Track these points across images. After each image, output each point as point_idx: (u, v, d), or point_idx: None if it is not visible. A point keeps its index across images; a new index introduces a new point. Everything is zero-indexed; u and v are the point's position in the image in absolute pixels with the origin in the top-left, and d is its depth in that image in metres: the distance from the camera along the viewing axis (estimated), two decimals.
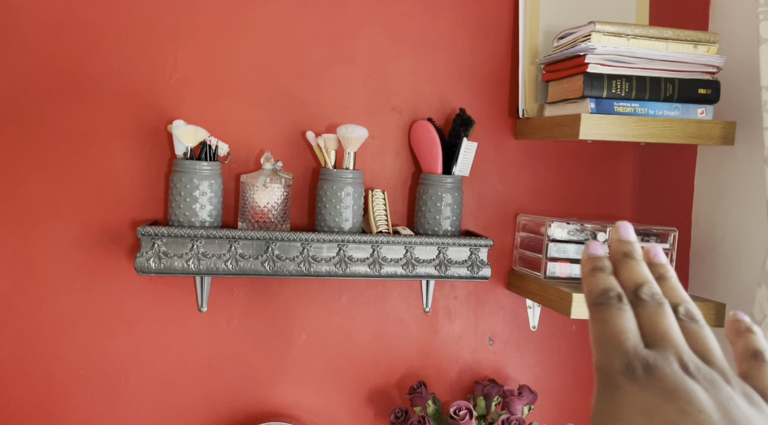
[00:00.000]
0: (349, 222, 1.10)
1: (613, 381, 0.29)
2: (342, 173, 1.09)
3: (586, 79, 1.02)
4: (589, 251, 0.34)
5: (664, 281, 0.34)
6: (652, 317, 0.31)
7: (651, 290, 0.32)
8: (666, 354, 0.29)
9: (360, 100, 1.18)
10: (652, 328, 0.30)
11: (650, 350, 0.29)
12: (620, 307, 0.31)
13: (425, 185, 1.14)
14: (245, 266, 1.05)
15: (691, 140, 1.03)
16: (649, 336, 0.30)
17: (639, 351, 0.29)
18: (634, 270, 0.33)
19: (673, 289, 0.33)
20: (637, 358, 0.29)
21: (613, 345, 0.30)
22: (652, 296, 0.31)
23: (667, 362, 0.29)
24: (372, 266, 1.09)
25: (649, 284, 0.32)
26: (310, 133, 1.13)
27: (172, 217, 1.05)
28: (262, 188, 1.08)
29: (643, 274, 0.33)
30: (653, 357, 0.29)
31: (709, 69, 1.04)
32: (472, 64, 1.22)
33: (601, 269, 0.33)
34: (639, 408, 0.27)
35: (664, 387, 0.27)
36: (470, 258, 1.13)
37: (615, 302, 0.31)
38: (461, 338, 1.25)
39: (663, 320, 0.30)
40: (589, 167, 1.27)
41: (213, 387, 1.16)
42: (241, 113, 1.14)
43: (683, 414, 0.26)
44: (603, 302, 0.31)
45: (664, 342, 0.30)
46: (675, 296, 0.33)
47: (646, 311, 0.31)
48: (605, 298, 0.31)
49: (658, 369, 0.28)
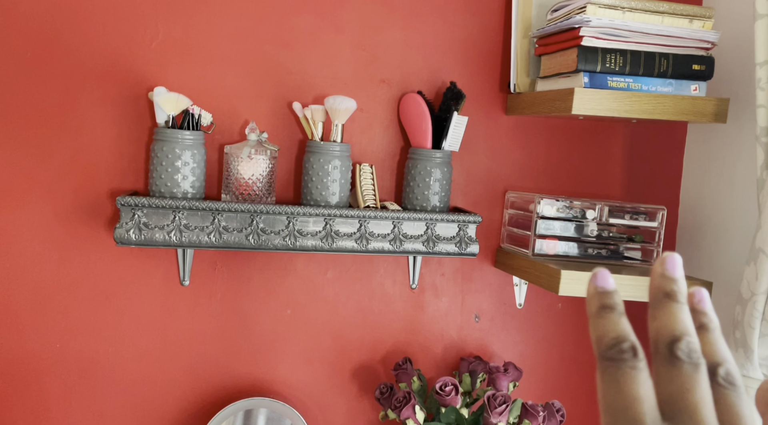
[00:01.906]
0: (336, 196, 1.07)
1: None
2: (329, 145, 1.06)
3: (580, 53, 1.00)
4: (597, 283, 0.28)
5: (705, 332, 0.29)
6: (685, 383, 0.26)
7: (690, 347, 0.26)
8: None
9: (348, 71, 1.15)
10: (680, 398, 0.26)
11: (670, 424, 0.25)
12: (635, 366, 0.26)
13: (414, 160, 1.12)
14: (229, 239, 1.02)
15: (683, 117, 1.02)
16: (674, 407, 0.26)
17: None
18: (674, 317, 0.27)
19: (714, 344, 0.28)
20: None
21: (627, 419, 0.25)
22: (689, 354, 0.26)
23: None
24: (359, 241, 1.07)
25: (689, 338, 0.27)
26: (296, 104, 1.10)
27: (153, 188, 1.02)
28: (246, 160, 1.05)
29: (684, 324, 0.27)
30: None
31: (704, 44, 1.03)
32: (463, 37, 1.19)
33: (611, 309, 0.28)
34: None
35: None
36: (458, 235, 1.12)
37: (629, 358, 0.26)
38: (447, 315, 1.24)
39: (696, 390, 0.26)
40: (579, 144, 1.26)
41: (195, 363, 1.14)
42: (225, 82, 1.10)
43: None
44: (615, 357, 0.26)
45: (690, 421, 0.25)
46: (716, 354, 0.28)
47: (680, 373, 0.26)
48: (617, 353, 0.26)
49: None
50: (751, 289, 0.91)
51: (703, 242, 1.20)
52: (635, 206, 1.15)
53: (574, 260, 1.13)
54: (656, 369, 0.27)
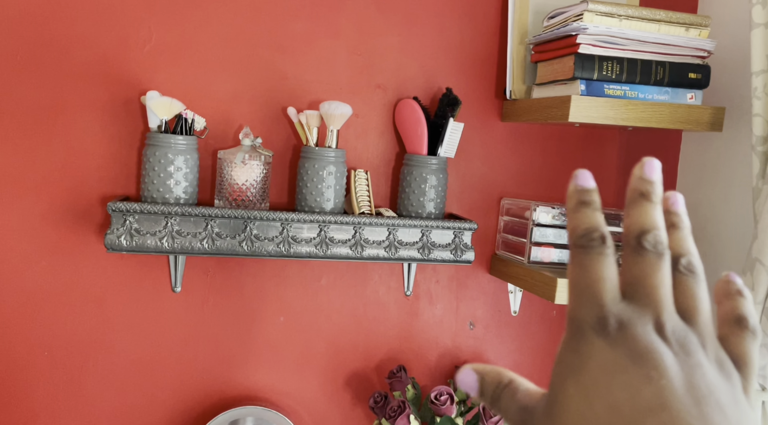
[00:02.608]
0: (330, 202, 1.06)
1: (583, 333, 0.27)
2: (324, 151, 1.05)
3: (576, 60, 1.00)
4: (576, 181, 0.30)
5: (675, 230, 0.31)
6: (646, 268, 0.28)
7: (656, 239, 0.28)
8: (644, 312, 0.27)
9: (344, 76, 1.14)
10: (641, 281, 0.28)
11: (629, 304, 0.28)
12: (602, 251, 0.28)
13: (409, 166, 1.11)
14: (222, 245, 1.01)
15: (680, 125, 1.02)
16: (634, 289, 0.28)
17: (615, 305, 0.27)
18: (645, 213, 0.29)
19: (682, 240, 0.31)
20: (611, 313, 0.27)
21: (588, 294, 0.28)
22: (655, 245, 0.28)
23: (642, 321, 0.27)
24: (354, 248, 1.06)
25: (656, 231, 0.29)
26: (291, 109, 1.09)
27: (145, 193, 1.00)
28: (240, 165, 1.03)
29: (653, 219, 0.29)
30: (628, 315, 0.27)
31: (700, 53, 1.03)
32: (459, 43, 1.18)
33: (587, 204, 0.30)
34: (604, 366, 0.26)
35: (633, 348, 0.26)
36: (454, 241, 1.11)
37: (597, 245, 0.28)
38: (442, 322, 1.23)
39: (656, 274, 0.28)
40: (574, 151, 1.26)
41: (185, 370, 1.12)
42: (219, 86, 1.09)
43: (646, 378, 0.25)
44: (584, 244, 0.28)
45: (647, 298, 0.28)
46: (681, 247, 0.30)
47: (643, 260, 0.28)
48: (587, 240, 0.28)
49: (631, 327, 0.27)
50: None
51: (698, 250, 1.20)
52: None
53: (564, 268, 1.12)
54: (624, 258, 0.29)
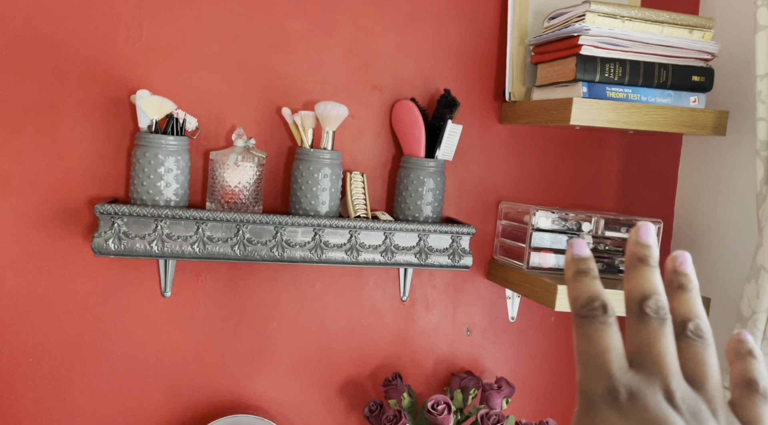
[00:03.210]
0: (325, 206, 1.03)
1: (595, 405, 0.27)
2: (319, 153, 1.03)
3: (579, 62, 0.98)
4: (573, 251, 0.31)
5: (683, 292, 0.31)
6: (650, 335, 0.29)
7: (657, 304, 0.29)
8: (653, 380, 0.28)
9: (340, 76, 1.12)
10: (646, 348, 0.28)
11: (636, 373, 0.28)
12: (605, 321, 0.29)
13: (406, 169, 1.09)
14: (213, 249, 0.98)
15: (683, 129, 1.00)
16: (641, 356, 0.28)
17: (623, 375, 0.28)
18: (644, 278, 0.30)
19: (690, 302, 0.31)
20: (620, 383, 0.27)
21: (596, 365, 0.28)
22: (656, 311, 0.29)
23: (652, 390, 0.27)
24: (349, 252, 1.04)
25: (657, 296, 0.29)
26: (285, 109, 1.06)
27: (135, 195, 0.97)
28: (233, 167, 1.01)
29: (653, 284, 0.30)
30: (637, 384, 0.27)
31: (704, 56, 1.01)
32: (458, 44, 1.16)
33: (584, 273, 0.30)
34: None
35: (646, 419, 0.26)
36: (451, 246, 1.09)
37: (600, 314, 0.29)
38: (438, 328, 1.21)
39: (660, 341, 0.28)
40: (573, 154, 1.23)
41: (175, 378, 1.09)
42: (211, 85, 1.06)
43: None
44: (587, 314, 0.29)
45: (654, 367, 0.28)
46: (688, 310, 0.30)
47: (647, 327, 0.29)
48: (589, 310, 0.29)
49: (642, 398, 0.27)
50: (752, 307, 0.89)
51: (699, 257, 1.18)
52: (630, 218, 1.12)
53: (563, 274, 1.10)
54: (627, 325, 0.30)
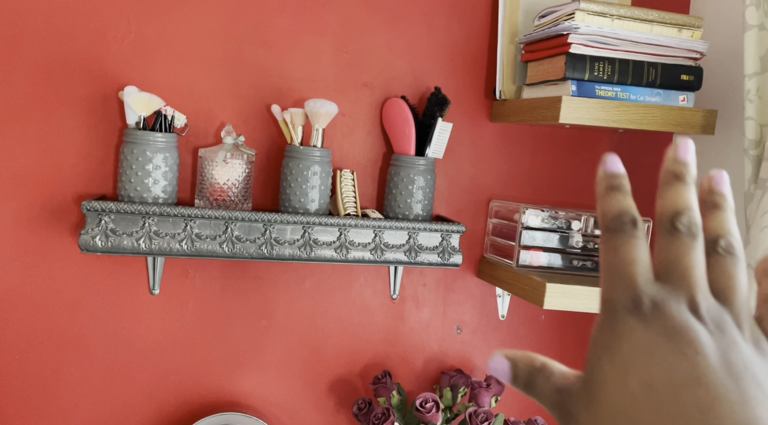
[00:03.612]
0: (315, 203, 1.03)
1: (618, 314, 0.27)
2: (309, 150, 1.02)
3: (568, 60, 0.98)
4: (606, 167, 0.30)
5: (717, 210, 0.30)
6: (680, 249, 0.28)
7: (690, 220, 0.28)
8: (678, 292, 0.27)
9: (330, 74, 1.11)
10: (674, 262, 0.28)
11: (663, 285, 0.27)
12: (633, 234, 0.28)
13: (397, 167, 1.09)
14: (201, 247, 0.97)
15: (671, 128, 1.00)
16: (669, 270, 0.28)
17: (648, 286, 0.27)
18: (679, 195, 0.29)
19: (725, 221, 0.30)
20: (645, 294, 0.27)
21: (621, 277, 0.27)
22: (689, 227, 0.28)
23: (677, 301, 0.27)
24: (338, 250, 1.03)
25: (690, 213, 0.28)
26: (275, 106, 1.06)
27: (122, 192, 0.97)
28: (221, 164, 1.00)
29: (687, 200, 0.29)
30: (662, 295, 0.27)
31: (693, 55, 1.01)
32: (448, 42, 1.16)
33: (617, 189, 0.30)
34: (638, 344, 0.26)
35: (668, 326, 0.26)
36: (441, 244, 1.09)
37: (629, 228, 0.28)
38: (429, 326, 1.21)
39: (689, 255, 0.28)
40: (564, 153, 1.24)
41: (164, 376, 1.09)
42: (201, 82, 1.05)
43: (681, 354, 0.25)
44: (616, 228, 0.28)
45: (681, 280, 0.27)
46: (723, 228, 0.29)
47: (677, 242, 0.28)
48: (619, 224, 0.28)
49: (665, 307, 0.26)
50: None
51: None
52: None
53: (558, 272, 1.10)
54: (657, 240, 0.29)
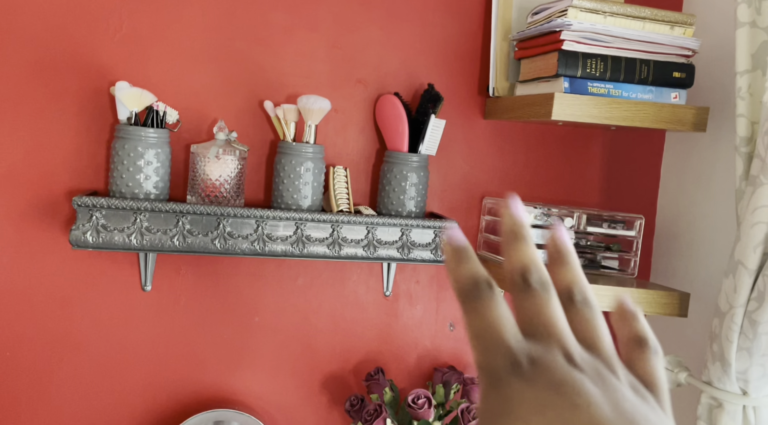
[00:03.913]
0: (308, 200, 1.03)
1: (499, 379, 0.27)
2: (302, 146, 1.02)
3: (560, 57, 0.98)
4: (450, 239, 0.31)
5: (564, 264, 0.32)
6: (538, 304, 0.29)
7: (540, 276, 0.30)
8: (549, 345, 0.28)
9: (323, 70, 1.11)
10: (535, 317, 0.29)
11: (533, 341, 0.28)
12: (491, 296, 0.29)
13: (390, 163, 1.09)
14: (193, 243, 0.97)
15: (663, 125, 1.00)
16: (532, 326, 0.29)
17: (520, 344, 0.28)
18: (523, 253, 0.30)
19: (571, 272, 0.32)
20: (520, 352, 0.27)
21: (492, 339, 0.28)
22: (540, 282, 0.29)
23: (552, 354, 0.27)
24: (331, 246, 1.03)
25: (537, 267, 0.30)
26: (268, 102, 1.05)
27: (114, 188, 0.96)
28: (214, 160, 1.00)
29: (531, 257, 0.30)
30: (536, 350, 0.27)
31: (685, 52, 1.02)
32: (442, 38, 1.16)
33: (465, 259, 0.30)
34: (530, 404, 0.26)
35: (552, 380, 0.26)
36: (434, 241, 1.09)
37: (486, 291, 0.29)
38: (422, 323, 1.21)
39: (548, 308, 0.29)
40: (557, 150, 1.24)
41: (156, 372, 1.09)
42: (193, 78, 1.05)
43: (574, 407, 0.25)
44: (473, 292, 0.29)
45: (547, 332, 0.28)
46: (573, 280, 0.31)
47: (533, 297, 0.29)
48: (474, 288, 0.29)
49: (543, 361, 0.27)
50: (729, 302, 0.90)
51: (681, 252, 1.19)
52: (613, 214, 1.13)
53: None
54: (513, 299, 0.30)
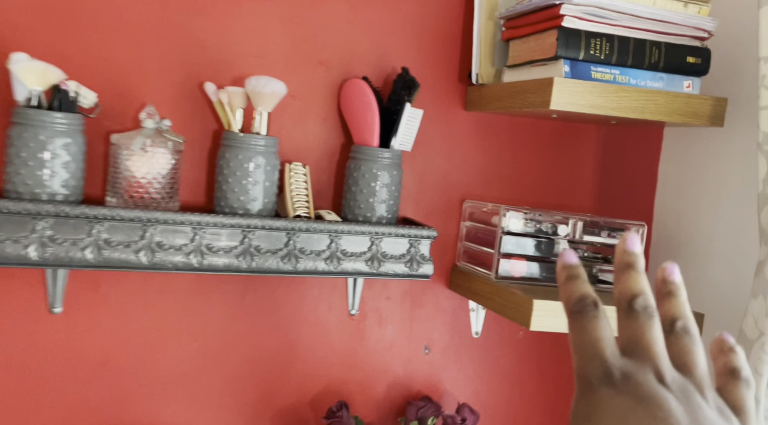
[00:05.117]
0: (258, 203, 0.85)
1: (591, 386, 0.30)
2: (251, 138, 0.84)
3: (560, 36, 0.83)
4: (563, 260, 0.35)
5: (672, 297, 0.34)
6: (640, 327, 0.31)
7: (645, 302, 0.32)
8: (644, 364, 0.30)
9: (278, 48, 0.93)
10: (636, 338, 0.31)
11: (629, 359, 0.30)
12: (596, 315, 0.32)
13: (357, 160, 0.92)
14: (112, 256, 0.78)
15: (677, 118, 0.86)
16: (632, 345, 0.31)
17: (617, 359, 0.30)
18: (632, 280, 0.33)
19: (679, 305, 0.34)
20: (614, 366, 0.30)
21: (591, 352, 0.30)
22: (645, 308, 0.32)
23: (644, 371, 0.30)
24: (286, 259, 0.86)
25: (644, 295, 0.32)
26: (209, 84, 0.87)
27: (9, 186, 0.76)
28: (140, 153, 0.81)
29: (640, 285, 0.33)
30: (630, 367, 0.30)
31: (699, 33, 0.88)
32: (418, 16, 1.00)
33: (576, 277, 0.34)
34: (613, 410, 0.28)
35: (639, 393, 0.28)
36: (409, 252, 0.92)
37: (591, 309, 0.32)
38: (392, 346, 1.04)
39: (649, 332, 0.31)
40: (547, 147, 1.09)
41: (70, 411, 0.89)
42: (116, 52, 0.86)
43: (653, 418, 0.27)
44: (580, 310, 0.32)
45: (645, 353, 0.30)
46: (677, 312, 0.33)
47: (636, 321, 0.32)
48: (582, 306, 0.32)
49: (635, 377, 0.29)
50: (759, 328, 0.76)
51: (682, 263, 1.06)
52: (610, 221, 0.98)
53: (541, 285, 0.95)
54: (618, 322, 0.33)
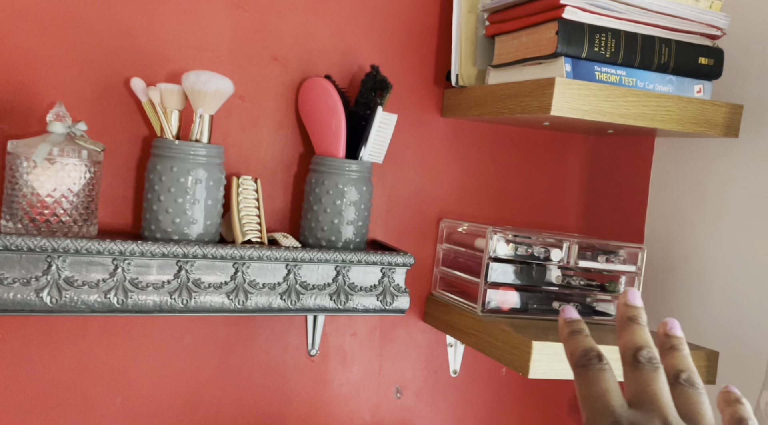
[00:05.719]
0: (198, 225, 0.69)
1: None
2: (189, 147, 0.69)
3: (561, 29, 0.71)
4: (564, 315, 0.37)
5: (675, 351, 0.35)
6: (646, 379, 0.32)
7: (649, 354, 0.33)
8: (651, 415, 0.31)
9: (222, 39, 0.78)
10: (642, 390, 0.32)
11: (636, 410, 0.31)
12: (602, 368, 0.33)
13: (320, 174, 0.77)
14: (6, 296, 0.60)
15: (689, 127, 0.75)
16: (638, 397, 0.32)
17: (625, 410, 0.31)
18: (636, 334, 0.35)
19: (682, 358, 0.35)
20: (623, 417, 0.31)
21: (600, 404, 0.32)
22: (649, 360, 0.33)
23: (652, 422, 0.30)
24: (233, 295, 0.70)
25: (648, 348, 0.34)
26: (137, 81, 0.71)
27: None
28: (45, 165, 0.64)
29: (643, 338, 0.34)
30: (638, 417, 0.31)
31: (711, 31, 0.77)
32: (388, 7, 0.86)
33: (579, 332, 0.35)
34: None
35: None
36: (381, 282, 0.78)
37: (596, 362, 0.33)
38: (359, 390, 0.89)
39: (654, 384, 0.32)
40: (531, 159, 0.97)
41: None
42: (17, 41, 0.69)
43: None
44: (585, 363, 0.33)
45: (651, 404, 0.31)
46: (681, 364, 0.35)
47: (642, 373, 0.33)
48: (587, 359, 0.33)
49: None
50: None
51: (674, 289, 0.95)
52: (605, 243, 0.87)
53: (531, 318, 0.83)
54: (624, 375, 0.34)
